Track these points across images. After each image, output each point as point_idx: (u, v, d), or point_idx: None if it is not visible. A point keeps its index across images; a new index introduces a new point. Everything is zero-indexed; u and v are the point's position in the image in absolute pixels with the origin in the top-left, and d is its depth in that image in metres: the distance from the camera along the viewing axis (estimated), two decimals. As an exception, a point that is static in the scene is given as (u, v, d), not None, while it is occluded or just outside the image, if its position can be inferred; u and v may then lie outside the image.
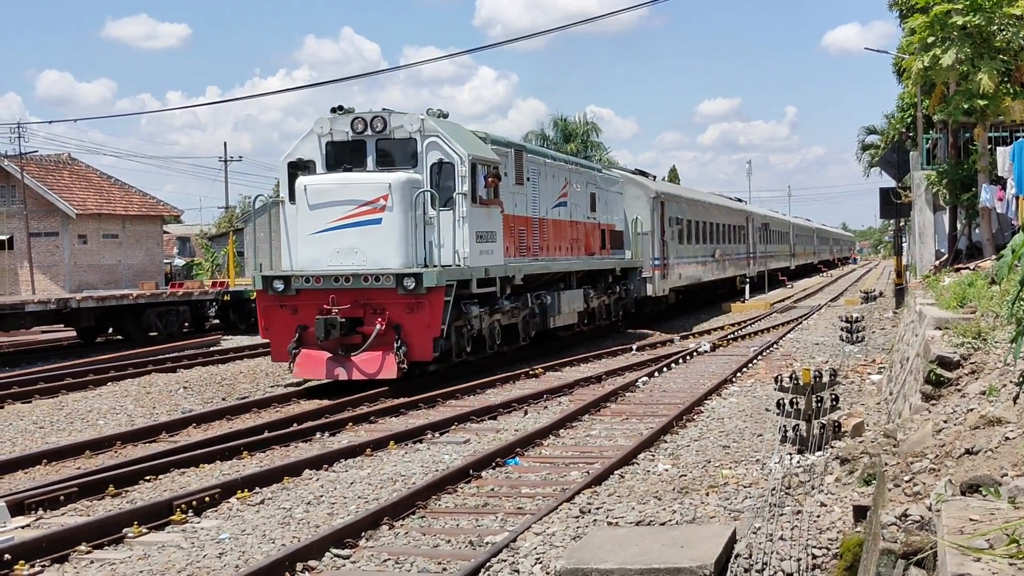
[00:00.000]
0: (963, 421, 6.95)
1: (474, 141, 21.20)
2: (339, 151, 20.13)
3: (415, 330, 18.19)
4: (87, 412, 18.29)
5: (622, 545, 7.80)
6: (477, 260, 20.23)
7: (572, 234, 27.84)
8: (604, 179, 32.21)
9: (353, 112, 20.11)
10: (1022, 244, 3.49)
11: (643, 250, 33.56)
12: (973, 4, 21.55)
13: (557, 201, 26.69)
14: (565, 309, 26.20)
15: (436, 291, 18.17)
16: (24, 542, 9.26)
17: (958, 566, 3.53)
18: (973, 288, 14.47)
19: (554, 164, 27.29)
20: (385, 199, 18.56)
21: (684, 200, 41.71)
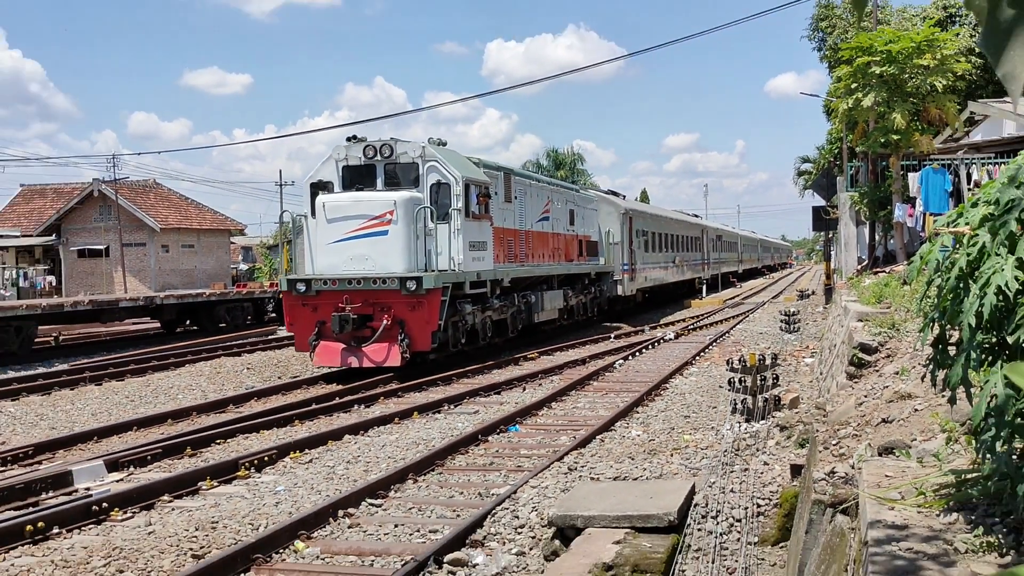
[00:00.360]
0: (880, 396, 6.95)
1: (468, 165, 20.87)
2: (353, 174, 19.79)
3: (416, 325, 17.88)
4: (169, 388, 18.28)
5: (603, 496, 7.80)
6: (470, 265, 19.81)
7: (554, 244, 27.46)
8: (581, 198, 31.85)
9: (365, 140, 19.81)
10: (928, 252, 3.48)
11: (614, 257, 33.48)
12: (888, 57, 21.62)
13: (541, 216, 26.36)
14: (548, 307, 25.87)
15: (434, 292, 17.88)
16: (118, 493, 9.28)
17: (875, 513, 3.52)
18: (888, 288, 14.48)
19: (538, 185, 26.98)
20: (391, 214, 18.30)
21: (649, 216, 41.36)
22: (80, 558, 7.40)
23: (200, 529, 8.14)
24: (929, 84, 21.78)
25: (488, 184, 21.23)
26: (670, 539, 6.91)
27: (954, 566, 2.91)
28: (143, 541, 7.84)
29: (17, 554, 7.73)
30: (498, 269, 21.69)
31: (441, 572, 6.96)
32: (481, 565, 7.07)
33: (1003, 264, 3.00)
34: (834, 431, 6.19)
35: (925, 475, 3.97)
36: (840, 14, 42.68)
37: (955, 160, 21.74)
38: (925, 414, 5.51)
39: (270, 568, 7.18)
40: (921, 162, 22.23)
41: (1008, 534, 3.10)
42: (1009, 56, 1.04)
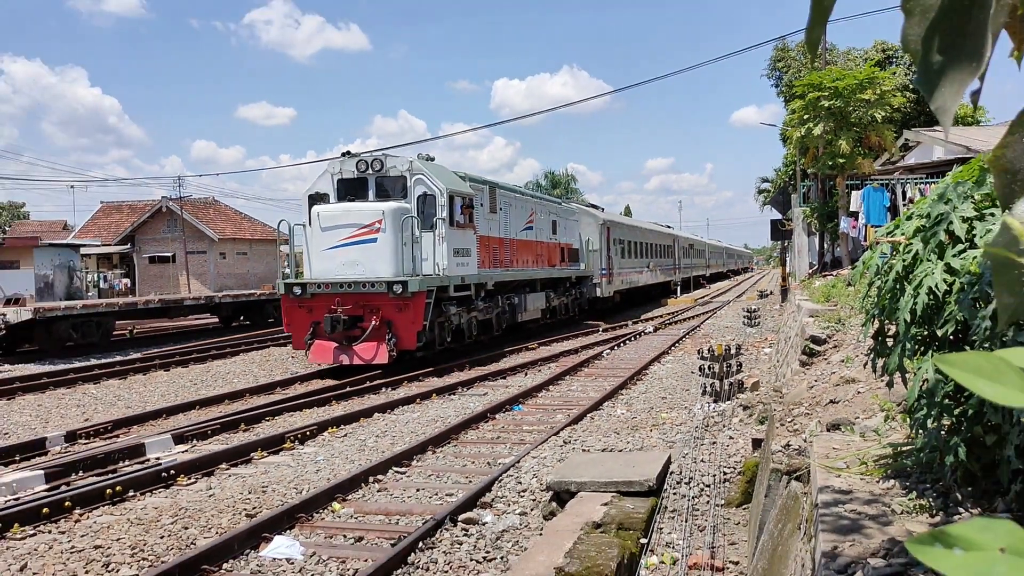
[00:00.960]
0: (828, 380, 6.93)
1: (453, 178, 19.62)
2: (347, 186, 18.64)
3: (403, 325, 16.75)
4: (226, 373, 18.30)
5: (592, 465, 7.79)
6: (454, 270, 18.64)
7: (537, 251, 26.26)
8: (563, 209, 30.58)
9: (358, 156, 18.66)
10: (870, 258, 3.48)
11: (593, 263, 32.40)
12: (835, 92, 21.63)
13: (525, 226, 25.19)
14: (531, 307, 24.67)
15: (419, 294, 16.73)
16: (184, 462, 9.30)
17: (824, 480, 3.51)
18: (835, 289, 14.44)
19: (522, 197, 25.67)
20: (380, 223, 17.20)
21: (625, 226, 40.31)
22: (152, 517, 7.41)
23: (252, 492, 8.15)
24: (870, 115, 21.78)
25: (472, 196, 20.11)
26: (650, 502, 6.90)
27: (891, 525, 2.90)
28: (204, 502, 7.86)
29: (99, 513, 7.75)
30: (482, 273, 20.56)
31: (456, 529, 6.96)
32: (490, 523, 7.07)
33: (934, 268, 3.00)
34: (789, 410, 6.18)
35: (867, 448, 3.96)
36: (794, 56, 42.61)
37: (892, 180, 21.72)
38: (867, 396, 5.50)
39: (312, 525, 7.19)
40: (863, 182, 22.21)
41: (937, 498, 3.09)
42: (941, 92, 1.04)
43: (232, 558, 6.35)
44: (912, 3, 1.07)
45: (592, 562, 5.46)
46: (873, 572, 2.47)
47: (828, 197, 25.86)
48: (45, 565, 6.20)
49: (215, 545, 6.33)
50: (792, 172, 39.86)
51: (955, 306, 2.90)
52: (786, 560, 3.75)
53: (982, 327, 2.68)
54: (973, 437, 2.87)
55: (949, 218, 3.06)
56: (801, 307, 13.51)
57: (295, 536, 6.87)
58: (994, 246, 1.00)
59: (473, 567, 6.16)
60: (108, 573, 6.08)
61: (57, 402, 14.76)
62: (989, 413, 2.68)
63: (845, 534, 2.83)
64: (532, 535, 6.72)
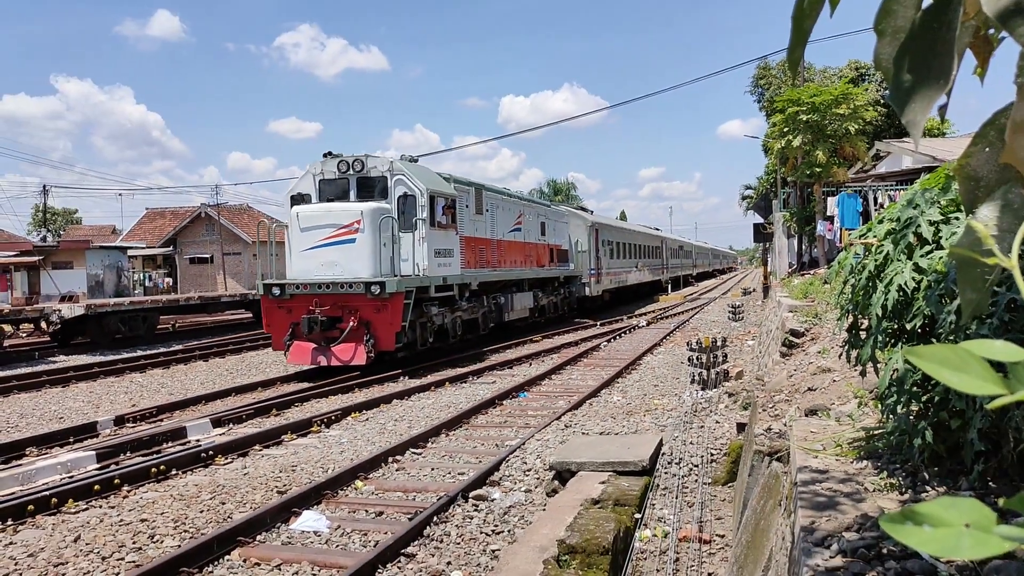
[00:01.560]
0: (806, 370, 6.91)
1: (435, 179, 17.93)
2: (328, 186, 17.02)
3: (381, 326, 15.23)
4: (260, 363, 18.34)
5: (591, 447, 7.78)
6: (435, 271, 17.08)
7: (525, 251, 24.47)
8: (553, 212, 28.74)
9: (339, 156, 16.97)
10: (844, 258, 3.47)
11: (582, 263, 30.72)
12: (813, 107, 21.62)
13: (513, 227, 23.37)
14: (518, 307, 22.95)
15: (397, 295, 15.23)
16: (221, 443, 9.31)
17: (803, 461, 3.50)
18: (813, 286, 14.41)
19: (510, 199, 23.65)
20: (358, 223, 15.64)
21: (614, 228, 38.35)
22: (192, 493, 7.44)
23: (283, 471, 8.17)
24: (844, 128, 21.77)
25: (455, 197, 18.40)
26: (643, 480, 6.89)
27: (864, 501, 2.89)
28: (240, 480, 7.87)
29: (145, 490, 7.77)
30: (465, 274, 18.86)
31: (467, 505, 6.96)
32: (498, 499, 7.07)
33: (903, 268, 2.99)
34: (770, 397, 6.16)
35: (842, 431, 3.95)
36: (775, 74, 42.50)
37: (865, 187, 21.63)
38: (841, 384, 5.48)
39: (336, 501, 7.20)
40: (838, 189, 22.15)
41: (906, 477, 3.08)
42: (911, 107, 1.03)
43: (265, 530, 6.37)
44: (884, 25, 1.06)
45: (591, 535, 5.45)
46: (848, 545, 2.46)
47: (806, 203, 25.84)
48: (96, 536, 6.23)
49: (249, 519, 6.34)
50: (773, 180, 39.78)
51: (923, 302, 2.89)
52: (768, 534, 3.74)
53: (948, 321, 2.67)
54: (939, 422, 2.86)
55: (917, 222, 3.05)
56: (781, 303, 13.48)
57: (322, 511, 6.88)
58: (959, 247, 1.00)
59: (483, 539, 6.16)
60: (153, 544, 6.11)
61: (107, 389, 14.82)
62: (954, 400, 2.67)
63: (822, 510, 2.82)
64: (536, 510, 6.72)
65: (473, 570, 5.56)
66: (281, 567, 5.65)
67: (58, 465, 8.30)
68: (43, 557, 5.80)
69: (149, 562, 5.56)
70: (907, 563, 2.29)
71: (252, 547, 6.01)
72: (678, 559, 5.55)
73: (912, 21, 1.04)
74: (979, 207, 1.05)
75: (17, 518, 6.80)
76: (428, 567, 5.57)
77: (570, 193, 77.45)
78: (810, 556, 2.44)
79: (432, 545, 6.02)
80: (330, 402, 12.67)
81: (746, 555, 4.12)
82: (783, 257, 31.39)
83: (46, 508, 7.05)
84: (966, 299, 1.03)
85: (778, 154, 24.09)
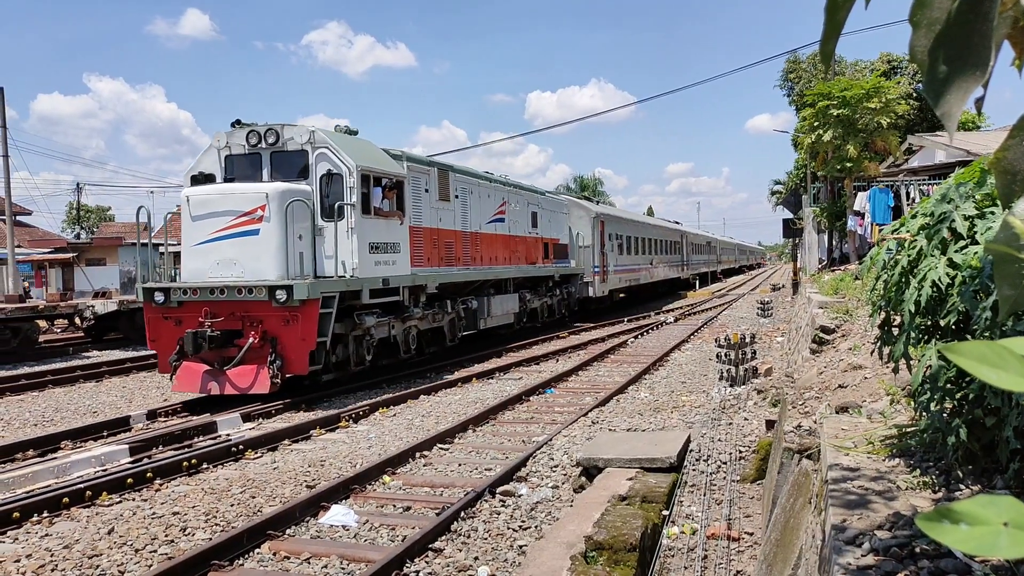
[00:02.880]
0: (837, 367, 6.83)
1: (373, 154, 14.21)
2: (237, 164, 13.50)
3: (290, 343, 11.88)
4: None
5: (618, 443, 7.77)
6: (370, 271, 13.40)
7: (510, 246, 20.82)
8: (549, 201, 24.78)
9: (250, 126, 13.42)
10: (877, 254, 3.43)
11: (585, 260, 27.04)
12: (844, 101, 21.35)
13: (493, 217, 19.70)
14: (498, 311, 19.47)
15: (311, 303, 11.81)
16: (251, 438, 9.42)
17: (834, 458, 3.47)
18: (843, 283, 14.26)
19: (489, 185, 19.81)
20: (262, 209, 12.19)
21: (624, 220, 33.90)
22: (223, 486, 7.53)
23: (312, 466, 8.24)
24: (876, 122, 21.47)
25: (400, 177, 14.66)
26: (671, 477, 6.87)
27: (896, 500, 2.86)
28: (269, 474, 7.96)
29: (177, 483, 7.89)
30: (419, 274, 15.31)
31: (494, 500, 6.97)
32: (525, 495, 7.08)
33: (937, 263, 2.95)
34: (800, 394, 6.10)
35: (873, 429, 3.90)
36: (804, 68, 42.02)
37: (896, 182, 21.36)
38: (873, 381, 5.42)
39: (365, 496, 7.25)
40: (869, 183, 21.89)
41: (940, 476, 3.04)
42: (946, 99, 1.02)
43: (294, 524, 6.43)
44: (919, 16, 1.05)
45: (618, 531, 5.44)
46: (880, 543, 2.43)
47: (836, 198, 25.55)
48: (130, 529, 6.33)
49: (279, 513, 6.41)
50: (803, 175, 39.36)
51: (957, 298, 2.85)
52: (797, 532, 3.71)
53: (983, 317, 2.63)
54: (974, 419, 2.82)
55: (952, 216, 3.00)
56: (811, 299, 13.35)
57: (350, 505, 6.93)
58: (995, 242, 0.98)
59: (510, 535, 6.18)
60: (185, 536, 6.19)
61: (140, 384, 15.04)
62: (989, 397, 2.63)
63: (853, 508, 2.79)
64: (563, 506, 6.72)
65: (500, 565, 5.57)
66: (310, 560, 5.71)
67: (92, 458, 8.45)
68: (78, 549, 5.91)
69: (181, 555, 5.65)
70: (941, 562, 2.26)
71: (282, 541, 6.08)
72: (706, 556, 5.53)
73: (948, 12, 1.03)
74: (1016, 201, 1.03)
75: (53, 510, 6.94)
76: (455, 562, 5.59)
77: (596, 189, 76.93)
78: (841, 554, 2.42)
79: (459, 540, 6.05)
80: (357, 397, 12.75)
81: (775, 553, 4.09)
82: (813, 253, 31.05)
83: (81, 501, 7.18)
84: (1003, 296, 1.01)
85: (808, 149, 23.82)
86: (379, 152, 14.74)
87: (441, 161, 17.83)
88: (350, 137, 14.37)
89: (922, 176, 21.61)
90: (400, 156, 15.32)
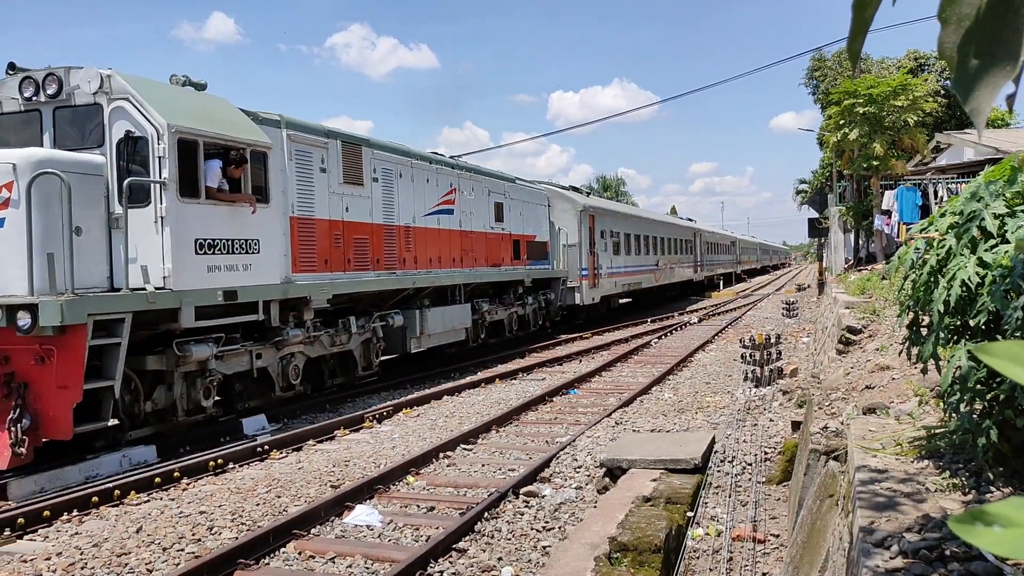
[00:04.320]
0: (864, 367, 6.76)
1: (206, 113, 9.82)
2: (10, 126, 9.34)
3: (44, 393, 7.69)
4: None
5: (642, 444, 7.74)
6: (200, 279, 9.26)
7: (463, 244, 16.75)
8: (521, 191, 20.46)
9: (27, 72, 9.16)
10: (905, 253, 3.39)
11: (570, 261, 22.88)
12: (870, 99, 21.13)
13: (435, 208, 15.58)
14: (436, 327, 15.16)
15: (75, 330, 7.72)
16: (276, 439, 9.49)
17: (861, 459, 3.44)
18: (870, 282, 14.11)
19: (428, 167, 15.52)
20: (8, 188, 7.97)
21: (620, 215, 29.54)
22: (249, 486, 7.60)
23: (336, 466, 8.29)
24: (903, 120, 21.24)
25: (257, 147, 10.32)
26: (695, 478, 6.83)
27: (926, 502, 2.83)
28: (294, 474, 8.02)
29: (203, 482, 7.97)
30: (299, 282, 11.12)
31: (518, 501, 6.97)
32: (549, 496, 7.07)
33: (966, 262, 2.91)
34: (826, 395, 6.04)
35: (901, 430, 3.86)
36: (830, 65, 41.64)
37: (924, 180, 21.10)
38: (901, 382, 5.36)
39: (389, 496, 7.28)
40: (896, 182, 21.64)
41: (970, 477, 3.00)
42: (975, 95, 1.01)
43: (319, 524, 6.47)
44: (948, 12, 1.04)
45: (642, 532, 5.42)
46: (909, 546, 2.40)
47: (863, 197, 25.30)
48: (158, 527, 6.41)
49: (304, 512, 6.45)
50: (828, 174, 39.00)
51: (987, 297, 2.81)
52: (824, 534, 3.67)
53: (1014, 317, 2.59)
54: (1004, 420, 2.78)
55: (981, 215, 2.96)
56: (837, 299, 13.22)
57: (374, 505, 6.96)
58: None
59: (534, 535, 6.17)
60: (212, 535, 6.26)
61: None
62: (1021, 397, 2.59)
63: (881, 510, 2.76)
64: (587, 507, 6.70)
65: (524, 566, 5.57)
66: (335, 560, 5.74)
67: (121, 458, 8.55)
68: (107, 547, 5.99)
69: (208, 553, 5.70)
70: (971, 565, 2.23)
71: (307, 540, 6.12)
72: (731, 558, 5.49)
73: (978, 7, 1.02)
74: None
75: (82, 509, 7.04)
76: (479, 562, 5.60)
77: (619, 189, 76.66)
78: (869, 557, 2.39)
79: (483, 540, 6.05)
80: (382, 397, 12.79)
81: (802, 555, 4.05)
82: (839, 252, 30.75)
83: (109, 500, 7.28)
84: (1036, 293, 1.00)
85: (834, 147, 23.59)
86: (228, 111, 10.46)
87: (350, 132, 13.36)
88: (167, 86, 9.93)
89: (950, 174, 21.33)
90: (277, 121, 11.12)
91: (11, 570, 5.60)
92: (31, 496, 7.34)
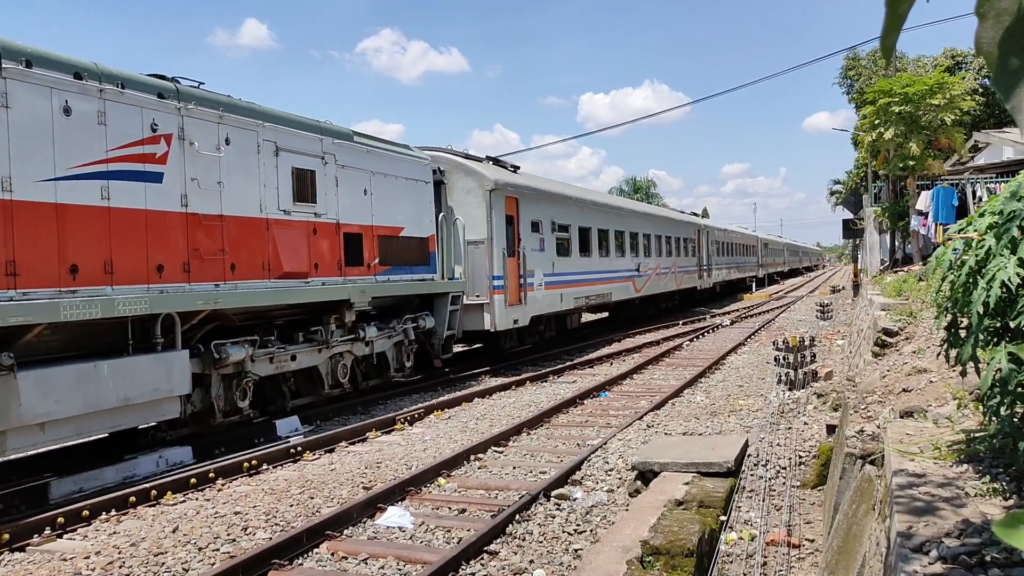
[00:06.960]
0: (900, 370, 6.66)
1: None
2: None
3: None
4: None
5: (673, 447, 7.69)
6: None
7: (188, 239, 8.91)
8: (365, 154, 12.43)
9: None
10: (943, 254, 3.34)
11: (473, 267, 15.54)
12: (906, 98, 20.81)
13: (99, 166, 7.75)
14: (47, 409, 7.04)
15: None
16: (309, 440, 9.58)
17: (899, 464, 3.39)
18: (906, 284, 13.90)
19: (66, 84, 7.44)
20: None
21: (568, 199, 20.09)
22: (282, 487, 7.68)
23: (368, 467, 8.34)
24: (940, 119, 20.90)
25: None
26: (728, 482, 6.77)
27: (965, 507, 2.78)
28: (327, 475, 8.08)
29: (238, 483, 8.07)
30: None
31: (549, 504, 6.96)
32: (580, 499, 7.05)
33: (1006, 263, 2.86)
34: (862, 398, 5.96)
35: (940, 434, 3.80)
36: (864, 64, 41.11)
37: (962, 180, 20.74)
38: (939, 385, 5.27)
39: (420, 498, 7.31)
40: (933, 182, 21.29)
41: (1011, 482, 2.94)
42: (1017, 93, 0.99)
43: (351, 525, 6.51)
44: (986, 7, 1.02)
45: (675, 536, 5.39)
46: (948, 551, 2.36)
47: (899, 197, 24.93)
48: (193, 527, 6.50)
49: (336, 513, 6.50)
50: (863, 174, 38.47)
51: (1028, 299, 2.76)
52: (860, 539, 3.62)
53: (1056, 318, 2.54)
54: (1047, 424, 2.72)
55: (1022, 215, 2.91)
56: (873, 301, 13.03)
57: (406, 507, 6.99)
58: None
59: (565, 538, 6.16)
60: (246, 535, 6.33)
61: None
62: (1063, 401, 2.54)
63: (920, 515, 2.72)
64: (619, 511, 6.67)
65: (556, 568, 5.56)
66: (367, 561, 5.78)
67: (157, 459, 8.69)
68: (144, 547, 6.08)
69: (243, 553, 5.77)
70: (1013, 571, 2.18)
71: (339, 541, 6.17)
72: (765, 563, 5.43)
73: (1018, 2, 1.00)
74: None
75: (120, 509, 7.16)
76: (511, 564, 5.60)
77: (650, 191, 76.23)
78: (907, 562, 2.36)
79: (514, 543, 6.05)
80: (413, 400, 12.87)
81: (837, 560, 4.00)
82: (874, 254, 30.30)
83: (146, 500, 7.40)
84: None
85: (869, 147, 23.26)
86: None
87: None
88: None
89: (989, 174, 20.93)
90: None
91: (51, 568, 5.71)
92: (70, 495, 7.50)
